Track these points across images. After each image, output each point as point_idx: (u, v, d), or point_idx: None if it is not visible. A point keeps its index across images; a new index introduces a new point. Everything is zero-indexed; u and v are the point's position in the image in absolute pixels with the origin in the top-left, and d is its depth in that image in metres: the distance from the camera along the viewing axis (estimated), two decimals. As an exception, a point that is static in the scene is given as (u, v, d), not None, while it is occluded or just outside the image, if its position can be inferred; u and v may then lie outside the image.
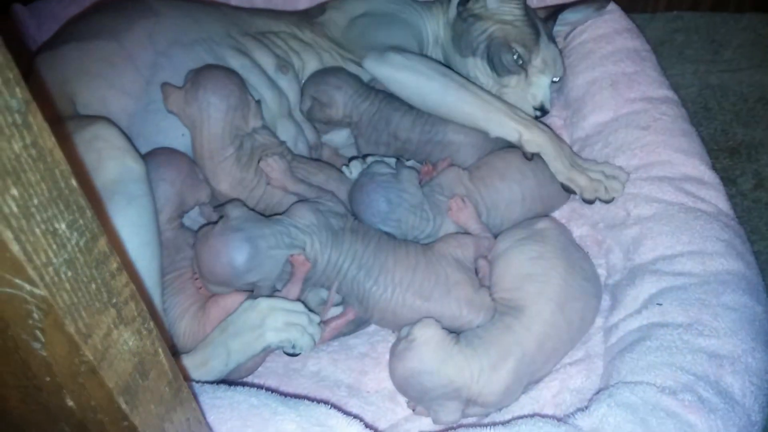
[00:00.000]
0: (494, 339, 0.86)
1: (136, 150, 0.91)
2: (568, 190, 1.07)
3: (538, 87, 1.18)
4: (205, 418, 0.63)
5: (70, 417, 0.45)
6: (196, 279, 0.96)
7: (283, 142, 1.08)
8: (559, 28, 1.35)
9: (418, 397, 0.86)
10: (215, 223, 0.93)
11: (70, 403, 0.44)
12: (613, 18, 1.36)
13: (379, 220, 1.00)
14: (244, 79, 1.07)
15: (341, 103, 1.15)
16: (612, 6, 1.38)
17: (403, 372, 0.85)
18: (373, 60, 1.13)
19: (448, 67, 1.19)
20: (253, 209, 0.99)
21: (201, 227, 0.97)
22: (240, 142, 1.02)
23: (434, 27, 1.29)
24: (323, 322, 0.95)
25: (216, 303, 0.94)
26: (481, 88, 1.13)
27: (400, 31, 1.22)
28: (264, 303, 0.90)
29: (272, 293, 0.94)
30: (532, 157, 1.07)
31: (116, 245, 0.83)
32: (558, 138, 1.08)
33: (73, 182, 0.36)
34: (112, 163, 0.86)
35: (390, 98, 1.16)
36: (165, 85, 1.01)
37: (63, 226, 0.36)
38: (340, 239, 0.95)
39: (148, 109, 1.02)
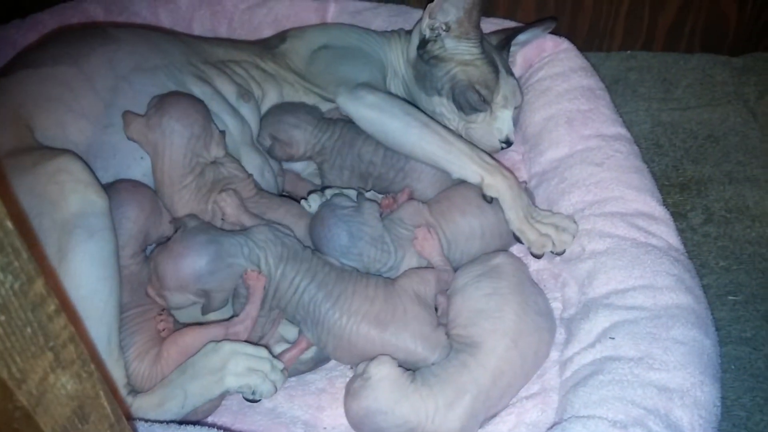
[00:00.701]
0: (450, 377, 0.86)
1: (100, 184, 0.90)
2: (518, 240, 1.09)
3: (502, 121, 1.22)
4: (150, 460, 0.61)
5: (5, 463, 0.44)
6: (161, 319, 0.95)
7: (250, 175, 1.07)
8: (511, 49, 1.39)
9: None
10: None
11: (5, 448, 0.42)
12: (569, 57, 1.40)
13: (340, 254, 1.00)
14: (206, 106, 1.07)
15: (302, 141, 1.16)
16: (567, 45, 1.42)
17: (357, 411, 0.84)
18: (345, 98, 1.15)
19: (413, 103, 1.21)
20: None
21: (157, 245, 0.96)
22: (201, 170, 1.02)
23: (393, 59, 1.31)
24: (277, 357, 0.94)
25: (175, 342, 0.93)
26: (446, 127, 1.14)
27: (365, 66, 1.24)
28: (227, 347, 0.90)
29: (224, 308, 0.94)
30: (491, 201, 1.08)
31: (71, 280, 0.82)
32: (518, 186, 1.09)
33: (9, 224, 0.36)
34: (74, 197, 0.85)
35: (351, 124, 1.17)
36: (126, 113, 1.00)
37: (-4, 269, 0.35)
38: (299, 258, 0.95)
39: (106, 132, 1.01)
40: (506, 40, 1.35)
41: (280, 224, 1.01)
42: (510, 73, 1.27)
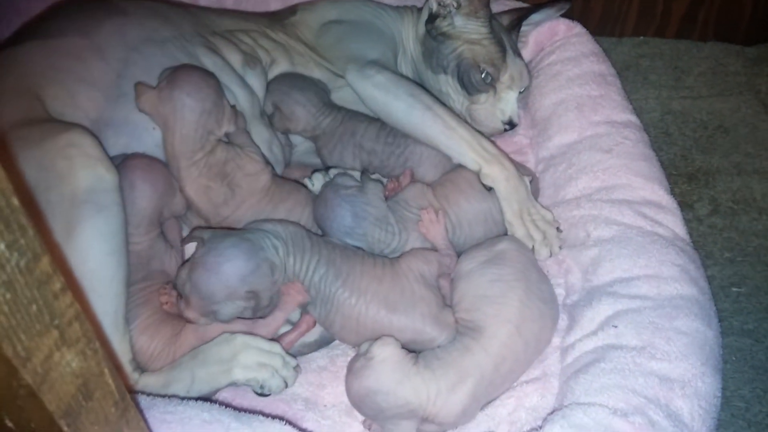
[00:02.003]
0: (453, 360, 0.86)
1: (109, 159, 0.89)
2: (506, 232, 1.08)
3: (506, 102, 1.21)
4: (153, 436, 0.62)
5: (9, 438, 0.44)
6: (164, 293, 0.95)
7: (268, 164, 1.06)
8: (523, 29, 1.37)
9: (373, 415, 0.86)
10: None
11: (10, 424, 0.42)
12: (581, 41, 1.38)
13: (344, 234, 0.99)
14: (217, 77, 1.06)
15: (302, 120, 1.15)
16: (580, 29, 1.40)
17: (358, 390, 0.85)
18: (354, 75, 1.15)
19: (420, 82, 1.19)
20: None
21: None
22: (212, 148, 1.01)
23: (405, 36, 1.30)
24: (278, 339, 0.95)
25: (195, 329, 0.93)
26: (451, 112, 1.13)
27: (376, 43, 1.23)
28: (240, 338, 0.90)
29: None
30: (489, 189, 1.07)
31: (78, 254, 0.82)
32: (517, 178, 1.07)
33: (15, 201, 0.35)
34: (83, 172, 0.85)
35: (353, 113, 1.17)
36: (138, 84, 0.99)
37: (2, 246, 0.35)
38: (307, 241, 0.95)
39: (118, 103, 1.00)
40: (517, 20, 1.34)
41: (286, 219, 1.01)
42: (518, 54, 1.26)
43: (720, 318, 0.95)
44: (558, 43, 1.39)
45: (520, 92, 1.25)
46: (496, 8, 1.34)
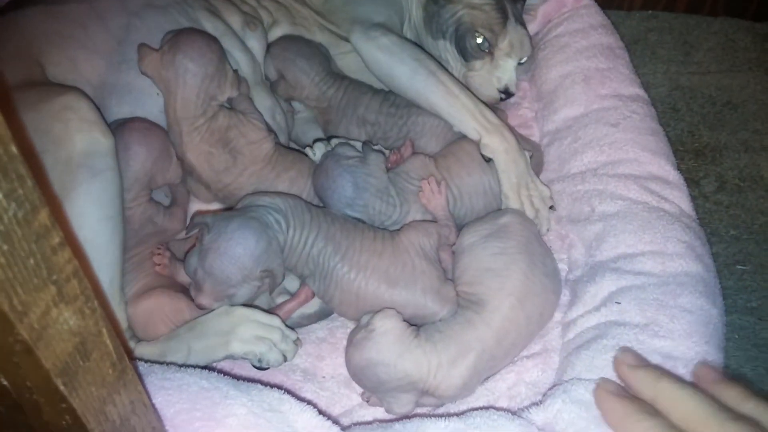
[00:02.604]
0: (454, 334, 0.86)
1: (106, 123, 0.88)
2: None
3: (503, 70, 1.18)
4: (151, 401, 0.61)
5: (5, 397, 0.43)
6: (156, 253, 0.93)
7: (271, 131, 1.05)
8: (532, 2, 1.35)
9: (372, 387, 0.85)
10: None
11: (5, 382, 0.41)
12: (590, 13, 1.35)
13: (345, 205, 0.98)
14: (219, 42, 1.04)
15: (307, 88, 1.13)
16: (588, 1, 1.38)
17: (359, 361, 0.84)
18: (358, 37, 1.13)
19: (423, 49, 1.17)
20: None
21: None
22: (214, 114, 0.99)
23: (410, 1, 1.27)
24: (275, 309, 0.94)
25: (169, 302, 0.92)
26: (454, 78, 1.11)
27: (383, 7, 1.21)
28: (238, 311, 0.89)
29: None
30: (488, 160, 1.06)
31: (72, 219, 0.80)
32: (517, 151, 1.05)
33: (13, 148, 0.34)
34: (79, 136, 0.83)
35: (357, 83, 1.15)
36: (141, 46, 0.98)
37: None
38: (307, 214, 0.93)
39: (120, 69, 0.99)
40: None
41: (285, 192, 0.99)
42: (521, 23, 1.23)
43: (724, 296, 0.94)
44: (566, 14, 1.37)
45: (521, 63, 1.22)
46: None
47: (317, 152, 1.04)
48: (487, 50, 1.17)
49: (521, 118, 1.29)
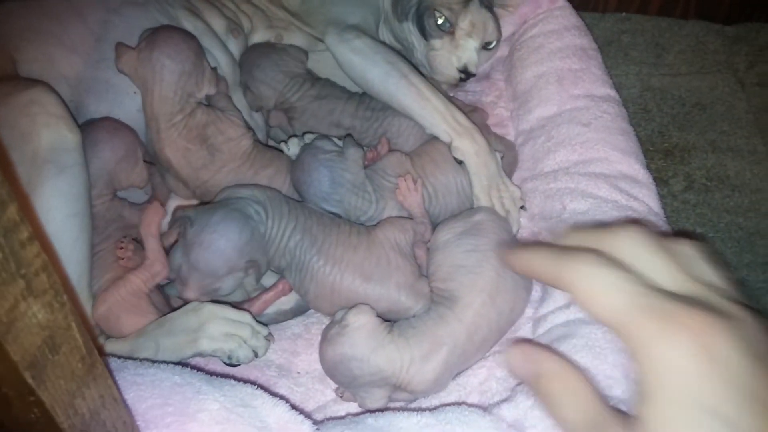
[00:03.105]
0: (427, 330, 0.87)
1: (73, 118, 0.87)
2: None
3: (464, 50, 1.19)
4: (121, 395, 0.61)
5: (-27, 390, 0.43)
6: (120, 246, 0.93)
7: (249, 129, 1.05)
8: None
9: (346, 382, 0.86)
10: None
11: (-27, 375, 0.42)
12: (564, 15, 1.37)
13: (321, 199, 0.99)
14: (199, 41, 1.04)
15: (272, 97, 1.13)
16: (563, 3, 1.39)
17: (332, 357, 0.85)
18: (333, 39, 1.14)
19: (398, 44, 1.18)
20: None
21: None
22: (191, 110, 0.99)
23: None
24: (252, 300, 0.94)
25: (124, 287, 0.91)
26: (427, 82, 1.12)
27: (359, 8, 1.21)
28: (207, 308, 0.88)
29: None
30: (460, 162, 1.07)
31: (39, 215, 0.80)
32: (487, 154, 1.07)
33: (-20, 144, 0.34)
34: (45, 131, 0.83)
35: (330, 87, 1.15)
36: (119, 45, 0.98)
37: (-34, 190, 0.34)
38: (285, 206, 0.94)
39: (98, 67, 0.99)
40: None
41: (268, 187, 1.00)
42: (487, 7, 1.23)
43: (690, 292, 0.96)
44: (541, 15, 1.38)
45: (487, 48, 1.23)
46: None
47: (291, 147, 1.05)
48: (447, 30, 1.18)
49: (497, 117, 1.31)
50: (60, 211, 0.82)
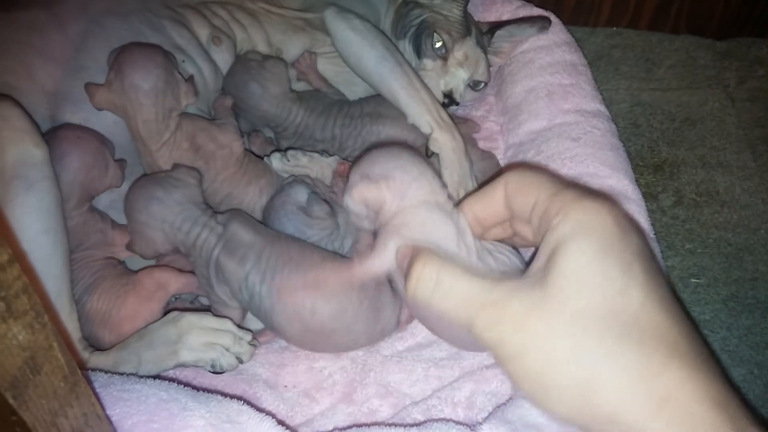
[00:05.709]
0: None
1: (39, 131, 0.86)
2: None
3: (453, 76, 1.21)
4: (105, 412, 0.61)
5: (-46, 410, 0.43)
6: (107, 262, 0.93)
7: (242, 136, 1.06)
8: (504, 44, 1.36)
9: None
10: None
11: (-47, 396, 0.42)
12: (554, 31, 1.38)
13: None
14: (183, 50, 1.04)
15: (256, 119, 1.14)
16: (553, 19, 1.41)
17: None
18: (333, 16, 1.15)
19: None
20: None
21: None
22: (177, 124, 0.99)
23: (386, 9, 1.30)
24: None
25: (150, 275, 0.92)
26: (418, 76, 1.14)
27: (361, 7, 1.23)
28: (185, 319, 0.88)
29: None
30: (431, 155, 1.09)
31: (14, 234, 0.79)
32: (463, 152, 1.09)
33: (-40, 169, 0.34)
34: (10, 146, 0.81)
35: (311, 107, 1.13)
36: (87, 85, 0.96)
37: (-55, 215, 0.34)
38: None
39: (76, 77, 0.98)
40: (496, 26, 1.34)
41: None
42: (481, 47, 1.26)
43: (678, 308, 0.96)
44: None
45: (475, 88, 1.25)
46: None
47: (274, 162, 1.05)
48: (441, 54, 1.20)
49: (487, 131, 1.32)
50: (32, 227, 0.81)
